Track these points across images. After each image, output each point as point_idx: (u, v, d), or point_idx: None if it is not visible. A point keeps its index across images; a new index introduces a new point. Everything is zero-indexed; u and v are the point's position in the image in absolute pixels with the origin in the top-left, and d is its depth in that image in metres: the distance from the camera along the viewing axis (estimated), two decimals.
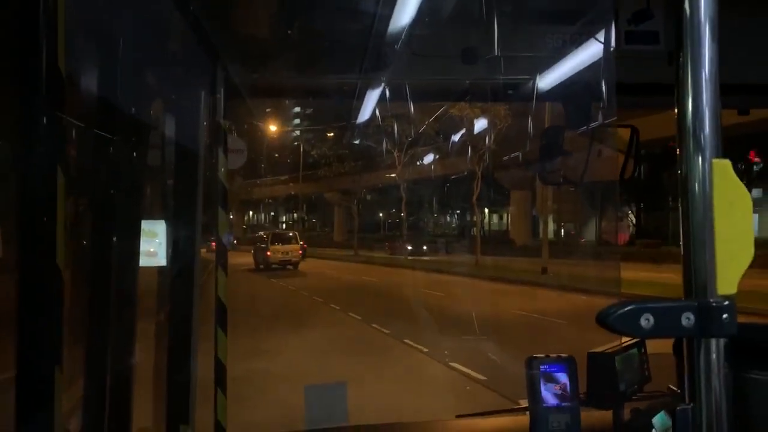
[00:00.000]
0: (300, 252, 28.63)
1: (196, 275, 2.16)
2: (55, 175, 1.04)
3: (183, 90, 2.15)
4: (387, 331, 11.90)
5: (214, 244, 2.31)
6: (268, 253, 26.96)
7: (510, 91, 2.30)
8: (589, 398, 1.81)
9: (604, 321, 0.79)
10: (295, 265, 26.70)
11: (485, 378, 7.97)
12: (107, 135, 1.69)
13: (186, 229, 2.15)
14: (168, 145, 2.14)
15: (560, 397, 1.77)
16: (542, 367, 1.78)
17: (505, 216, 48.64)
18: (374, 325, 12.57)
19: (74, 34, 1.47)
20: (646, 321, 0.78)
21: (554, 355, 1.82)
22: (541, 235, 28.75)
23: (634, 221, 41.25)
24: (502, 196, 40.99)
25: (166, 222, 2.13)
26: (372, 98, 2.58)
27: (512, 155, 27.67)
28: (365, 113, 2.83)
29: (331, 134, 48.15)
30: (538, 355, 1.81)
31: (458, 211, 51.65)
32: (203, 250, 2.61)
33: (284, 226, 72.58)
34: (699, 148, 0.80)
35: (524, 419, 1.81)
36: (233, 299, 2.31)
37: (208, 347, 2.25)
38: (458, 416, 2.37)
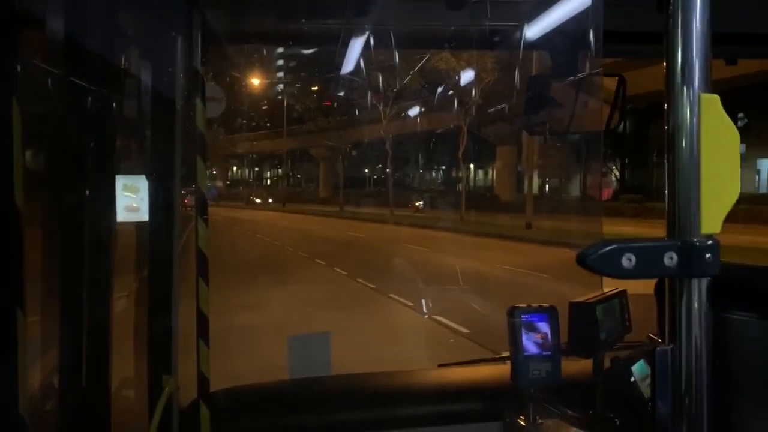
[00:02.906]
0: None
1: (175, 227, 2.13)
2: (11, 110, 0.99)
3: (158, 36, 2.07)
4: (372, 286, 11.98)
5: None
6: None
7: (496, 39, 2.25)
8: (570, 347, 1.83)
9: (584, 261, 0.78)
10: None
11: (469, 331, 8.10)
12: (79, 81, 1.64)
13: (164, 181, 2.11)
14: (143, 94, 2.08)
15: (541, 346, 1.78)
16: (523, 317, 1.79)
17: (490, 172, 48.73)
18: (360, 280, 12.65)
19: None
20: (628, 261, 0.77)
21: (536, 305, 1.82)
22: (525, 190, 28.90)
23: (618, 177, 41.54)
24: (487, 151, 40.98)
25: (144, 174, 2.09)
26: (356, 46, 2.52)
27: (498, 108, 27.61)
28: (349, 63, 2.77)
29: (316, 87, 47.65)
30: (520, 305, 1.81)
31: (444, 167, 51.66)
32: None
33: (268, 181, 72.37)
34: (687, 87, 0.78)
35: (505, 368, 1.83)
36: (225, 251, 2.28)
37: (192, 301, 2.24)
38: (440, 365, 2.39)
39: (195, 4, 2.02)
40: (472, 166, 44.92)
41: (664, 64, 0.79)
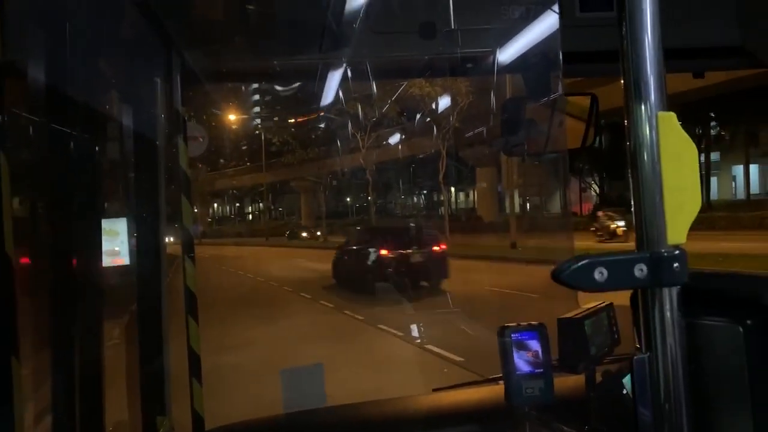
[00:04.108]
0: None
1: (162, 268, 2.14)
2: None
3: (138, 79, 2.10)
4: (360, 318, 11.82)
5: None
6: None
7: (470, 65, 2.30)
8: (561, 363, 1.84)
9: (559, 277, 0.81)
10: None
11: (462, 359, 7.95)
12: (61, 128, 1.65)
13: (150, 222, 2.12)
14: (126, 137, 2.10)
15: (533, 364, 1.79)
16: (514, 336, 1.80)
17: (471, 193, 49.01)
18: (347, 312, 12.48)
19: (19, 22, 1.43)
20: (600, 274, 0.80)
21: (525, 323, 1.84)
22: (507, 210, 29.08)
23: (597, 191, 41.99)
24: (467, 173, 41.27)
25: (128, 216, 2.10)
26: (333, 79, 2.55)
27: (476, 131, 27.89)
28: (328, 96, 2.81)
29: (293, 120, 47.84)
30: (509, 324, 1.83)
31: (425, 191, 51.88)
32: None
33: (250, 216, 72.14)
34: (644, 105, 0.81)
35: (499, 388, 1.84)
36: (205, 291, 2.28)
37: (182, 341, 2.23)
38: (435, 390, 2.40)
39: (173, 47, 2.05)
40: (453, 189, 45.17)
41: (622, 82, 0.83)
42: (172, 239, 2.29)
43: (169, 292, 2.18)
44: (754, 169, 38.37)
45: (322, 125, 41.65)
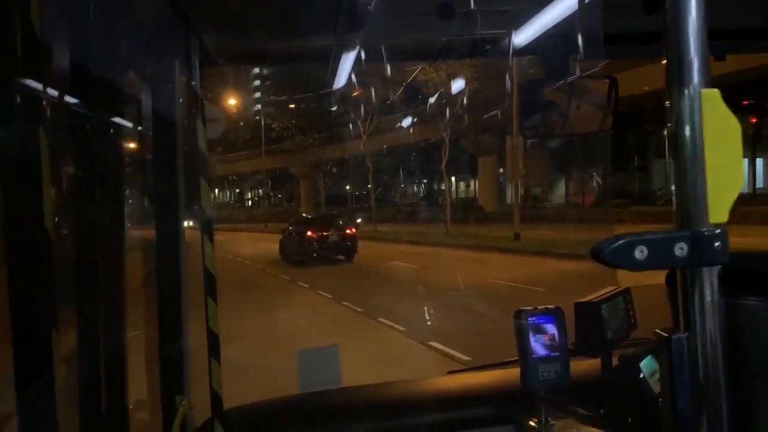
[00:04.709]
0: None
1: (181, 249, 2.15)
2: (38, 136, 1.02)
3: (157, 60, 2.10)
4: (359, 310, 11.53)
5: None
6: None
7: (488, 47, 2.29)
8: (577, 347, 1.85)
9: (599, 255, 0.80)
10: None
11: (469, 358, 7.53)
12: (80, 109, 1.65)
13: (169, 203, 2.13)
14: (145, 118, 2.10)
15: (549, 347, 1.80)
16: (530, 319, 1.81)
17: (472, 183, 48.84)
18: (345, 303, 12.19)
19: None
20: (641, 253, 0.79)
21: (542, 306, 1.85)
22: (509, 200, 28.97)
23: (600, 182, 41.84)
24: (470, 163, 41.10)
25: (146, 197, 2.11)
26: (347, 61, 2.54)
27: (480, 118, 27.75)
28: (341, 78, 2.79)
29: (293, 106, 47.61)
30: (526, 308, 1.84)
31: (425, 180, 51.74)
32: None
33: (250, 203, 72.11)
34: (687, 82, 0.81)
35: (515, 371, 1.85)
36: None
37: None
38: (450, 372, 2.41)
39: (192, 29, 2.05)
40: (453, 178, 45.03)
41: (664, 62, 0.83)
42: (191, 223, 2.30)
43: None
44: (759, 162, 38.17)
45: (329, 110, 41.37)
